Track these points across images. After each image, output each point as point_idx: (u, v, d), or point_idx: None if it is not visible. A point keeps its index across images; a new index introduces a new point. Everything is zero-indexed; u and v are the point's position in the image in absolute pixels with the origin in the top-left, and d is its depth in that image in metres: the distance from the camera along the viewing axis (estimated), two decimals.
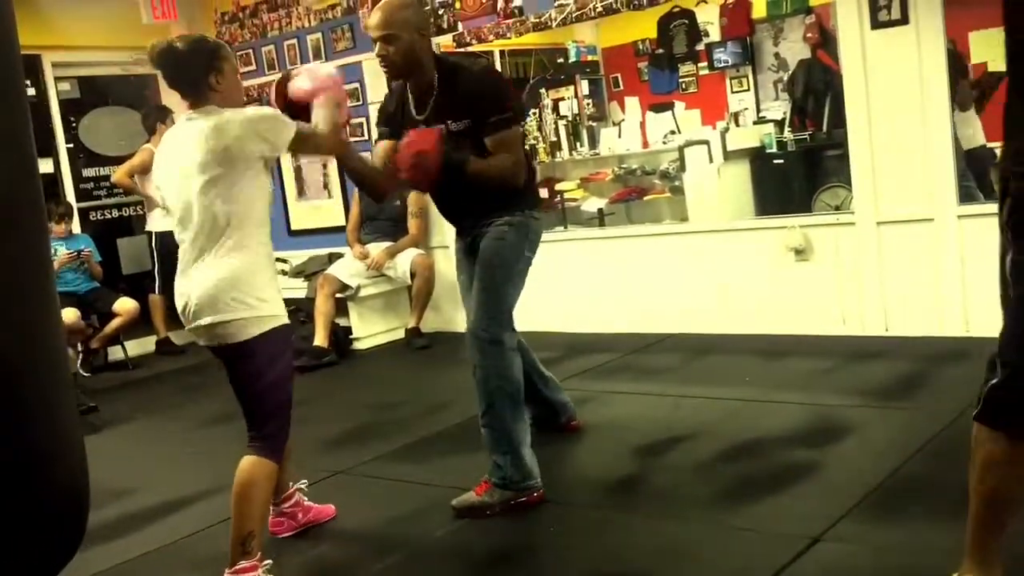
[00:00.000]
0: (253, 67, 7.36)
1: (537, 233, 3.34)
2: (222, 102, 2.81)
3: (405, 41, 3.11)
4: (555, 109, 7.42)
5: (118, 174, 6.85)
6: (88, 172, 7.44)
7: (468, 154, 3.11)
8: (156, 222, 6.70)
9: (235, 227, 2.73)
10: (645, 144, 6.90)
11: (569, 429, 3.91)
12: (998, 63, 7.14)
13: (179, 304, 2.84)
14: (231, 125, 2.71)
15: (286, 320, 2.84)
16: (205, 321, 2.75)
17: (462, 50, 6.17)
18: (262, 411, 2.83)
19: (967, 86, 6.11)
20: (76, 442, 1.64)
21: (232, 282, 2.72)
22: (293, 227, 7.47)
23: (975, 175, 5.51)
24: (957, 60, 6.21)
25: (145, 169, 6.70)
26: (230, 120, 2.72)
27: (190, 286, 2.77)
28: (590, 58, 8.85)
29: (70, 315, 5.94)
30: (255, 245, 2.76)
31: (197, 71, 2.79)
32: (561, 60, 8.57)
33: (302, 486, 3.31)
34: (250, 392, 2.83)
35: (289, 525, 3.23)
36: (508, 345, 3.21)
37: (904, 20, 4.60)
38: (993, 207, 1.97)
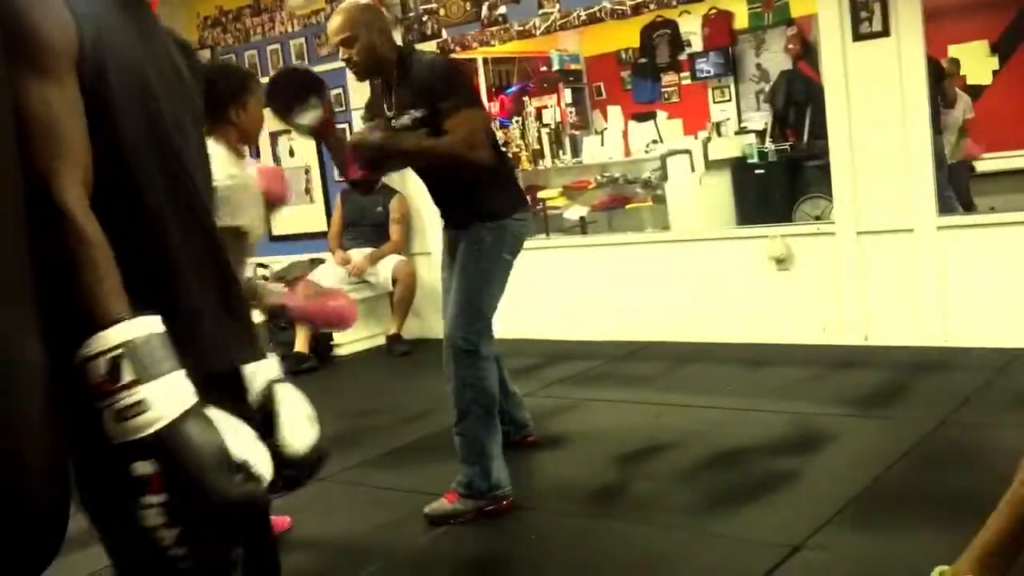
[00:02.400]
0: None
1: (517, 235, 3.33)
2: (238, 137, 2.77)
3: (364, 42, 3.16)
4: (538, 117, 7.44)
5: None
6: None
7: (405, 135, 3.16)
8: None
9: None
10: (627, 153, 6.92)
11: (525, 445, 3.87)
12: (977, 76, 7.24)
13: None
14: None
15: None
16: None
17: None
18: None
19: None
20: (48, 445, 1.61)
21: None
22: (275, 232, 7.43)
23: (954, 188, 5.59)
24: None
25: None
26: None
27: None
28: (573, 67, 8.87)
29: None
30: None
31: (219, 100, 2.70)
32: (544, 68, 8.58)
33: None
34: None
35: None
36: (484, 355, 3.21)
37: (885, 32, 4.64)
38: (972, 219, 1.98)
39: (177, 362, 1.22)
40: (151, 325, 1.21)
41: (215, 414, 1.24)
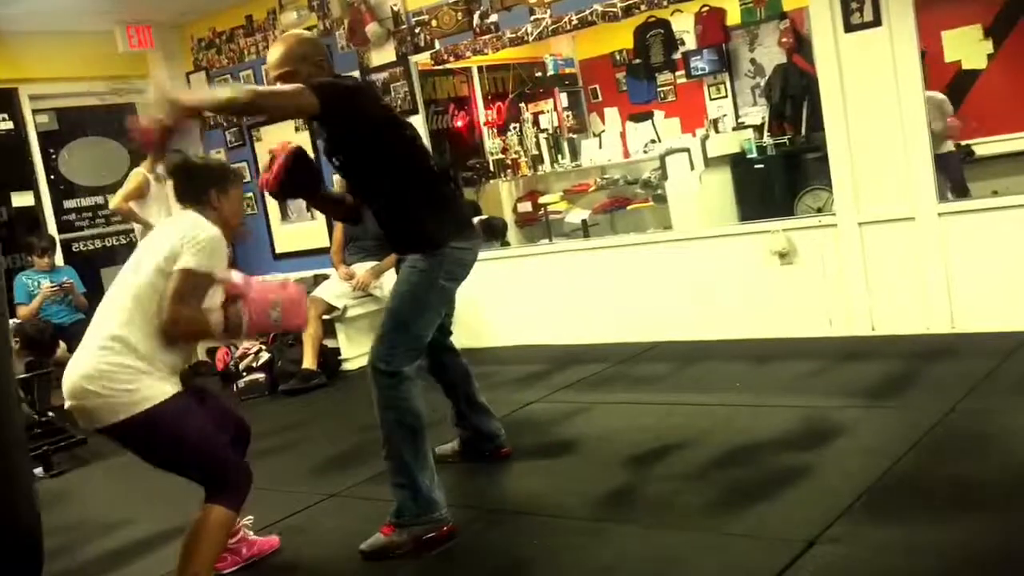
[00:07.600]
0: None
1: (458, 261, 3.23)
2: (217, 220, 2.91)
3: (303, 76, 3.06)
4: (535, 122, 7.44)
5: (116, 200, 6.65)
6: (69, 203, 7.40)
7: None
8: None
9: (123, 322, 2.75)
10: (626, 154, 6.92)
11: (499, 457, 3.84)
12: (971, 61, 7.22)
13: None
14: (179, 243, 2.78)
15: (166, 396, 2.75)
16: (67, 404, 2.80)
17: (440, 68, 6.19)
18: (196, 474, 2.86)
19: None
20: (27, 483, 1.64)
21: (95, 377, 2.72)
22: (278, 250, 7.46)
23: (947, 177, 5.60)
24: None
25: (141, 194, 6.56)
26: (181, 238, 2.79)
27: (70, 365, 2.80)
28: (568, 71, 8.88)
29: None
30: (137, 342, 2.74)
31: (204, 186, 2.94)
32: (539, 74, 8.59)
33: (247, 522, 3.28)
34: (169, 465, 2.88)
35: (233, 560, 3.19)
36: (406, 375, 3.16)
37: (877, 22, 4.64)
38: (972, 204, 1.97)
39: None
40: None
41: None
